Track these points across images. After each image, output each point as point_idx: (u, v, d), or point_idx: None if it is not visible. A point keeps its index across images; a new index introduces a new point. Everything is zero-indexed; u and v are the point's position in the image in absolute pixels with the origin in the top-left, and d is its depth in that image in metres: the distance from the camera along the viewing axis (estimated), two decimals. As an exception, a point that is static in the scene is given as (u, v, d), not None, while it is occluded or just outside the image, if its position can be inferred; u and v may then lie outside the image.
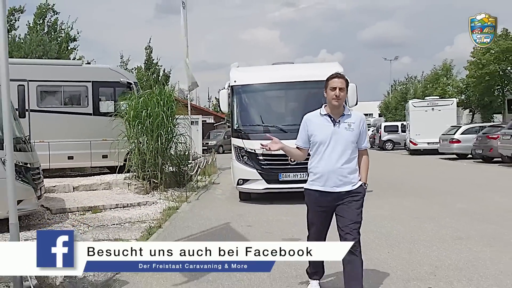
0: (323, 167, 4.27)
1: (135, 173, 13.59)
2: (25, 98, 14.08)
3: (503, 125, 21.03)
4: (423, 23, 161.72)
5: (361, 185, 4.34)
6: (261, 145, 4.51)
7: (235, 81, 11.32)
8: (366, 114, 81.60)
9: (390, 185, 13.40)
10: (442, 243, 6.59)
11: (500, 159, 19.62)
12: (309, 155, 4.47)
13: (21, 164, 8.53)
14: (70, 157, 14.88)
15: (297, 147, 4.50)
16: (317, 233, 4.45)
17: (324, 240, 4.43)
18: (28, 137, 9.46)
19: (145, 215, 9.68)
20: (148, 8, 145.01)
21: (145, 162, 13.20)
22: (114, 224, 8.80)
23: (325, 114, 4.33)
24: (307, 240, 4.51)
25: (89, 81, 15.51)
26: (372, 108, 75.54)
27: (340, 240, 4.19)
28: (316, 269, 4.62)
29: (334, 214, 4.35)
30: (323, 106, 4.42)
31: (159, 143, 13.17)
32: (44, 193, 9.84)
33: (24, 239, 7.07)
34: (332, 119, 4.30)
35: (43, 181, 9.56)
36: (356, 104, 11.53)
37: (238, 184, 10.98)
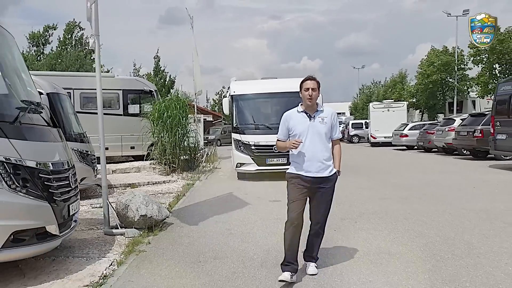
0: (304, 155, 4.22)
1: (157, 160, 14.46)
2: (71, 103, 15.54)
3: (438, 123, 21.96)
4: (390, 35, 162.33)
5: (335, 172, 4.32)
6: (295, 141, 4.17)
7: (234, 92, 12.65)
8: (339, 113, 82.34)
9: (350, 168, 13.75)
10: (371, 201, 8.25)
11: (436, 149, 20.70)
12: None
13: (84, 151, 9.90)
14: (106, 148, 16.22)
15: (278, 140, 4.47)
16: (296, 212, 4.18)
17: (302, 219, 4.19)
18: (85, 132, 11.04)
19: (170, 189, 10.72)
20: (152, 19, 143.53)
21: (165, 152, 14.03)
22: (150, 195, 9.54)
23: (302, 111, 4.32)
24: (287, 216, 4.27)
25: (120, 89, 16.66)
26: (344, 108, 75.75)
27: (310, 219, 4.34)
28: (290, 259, 4.18)
29: (308, 197, 4.29)
30: (300, 104, 4.39)
31: (176, 137, 14.07)
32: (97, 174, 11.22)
33: (83, 205, 7.74)
34: (308, 114, 4.27)
35: (97, 164, 10.41)
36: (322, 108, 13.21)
37: (236, 166, 12.24)
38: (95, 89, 16.30)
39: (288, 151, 4.37)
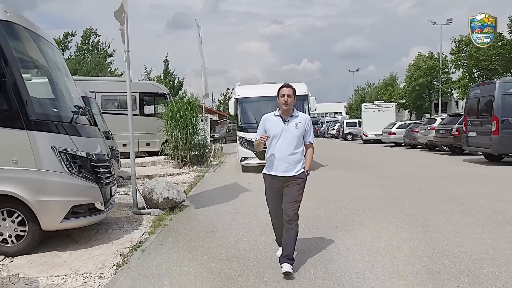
0: (275, 156, 4.26)
1: (170, 155, 15.16)
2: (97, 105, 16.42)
3: (422, 122, 22.66)
4: (385, 38, 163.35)
5: (303, 171, 4.27)
6: (262, 136, 4.28)
7: (238, 95, 13.46)
8: (336, 113, 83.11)
9: (341, 162, 15.47)
10: (355, 188, 9.16)
11: (420, 145, 21.43)
12: (265, 146, 4.40)
13: (110, 147, 11.05)
14: (124, 145, 17.06)
15: (255, 139, 4.45)
16: (275, 209, 4.36)
17: (281, 214, 4.26)
18: (110, 130, 11.99)
19: (183, 180, 11.51)
20: (161, 24, 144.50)
21: (177, 148, 14.74)
22: (167, 184, 11.24)
23: (278, 115, 4.34)
24: (269, 214, 4.48)
25: (137, 92, 17.36)
26: (341, 108, 76.47)
27: (282, 214, 4.25)
28: (281, 238, 4.32)
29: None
30: (277, 109, 4.40)
31: (187, 135, 14.77)
32: (120, 167, 11.71)
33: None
34: (283, 119, 4.29)
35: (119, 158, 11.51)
36: (315, 109, 14.11)
37: (241, 160, 13.03)
38: (114, 92, 17.19)
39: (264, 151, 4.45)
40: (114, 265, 4.56)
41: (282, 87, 4.35)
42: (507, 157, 12.99)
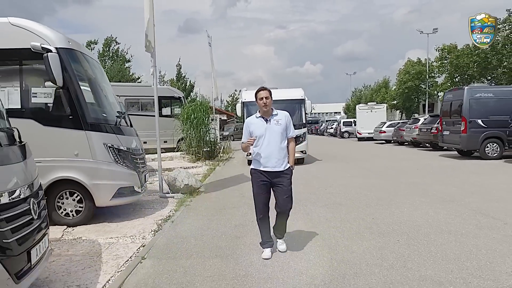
0: (263, 154, 4.29)
1: (185, 151, 16.16)
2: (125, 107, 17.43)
3: (407, 122, 23.71)
4: (382, 42, 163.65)
5: (289, 167, 4.34)
6: (249, 139, 4.32)
7: (245, 99, 14.34)
8: (335, 112, 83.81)
9: (335, 157, 16.42)
10: (341, 177, 10.25)
11: (407, 142, 22.27)
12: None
13: None
14: (145, 142, 17.98)
15: (242, 143, 4.50)
16: (261, 204, 4.38)
17: (268, 208, 4.41)
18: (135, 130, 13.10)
19: (198, 172, 12.44)
20: (172, 29, 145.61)
21: (191, 145, 15.68)
22: (184, 175, 12.33)
23: (259, 116, 4.36)
24: (255, 209, 4.46)
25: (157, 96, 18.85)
26: (340, 108, 77.01)
27: (275, 208, 4.40)
28: (266, 239, 4.47)
29: (271, 190, 4.37)
30: (258, 111, 4.41)
31: (200, 134, 15.67)
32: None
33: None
34: (265, 119, 4.33)
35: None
36: (311, 111, 15.17)
37: (246, 155, 13.71)
38: (136, 96, 18.36)
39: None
40: (152, 230, 5.75)
41: (258, 90, 4.34)
42: (477, 153, 14.02)
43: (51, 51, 5.73)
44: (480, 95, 13.51)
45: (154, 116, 19.13)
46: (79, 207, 6.20)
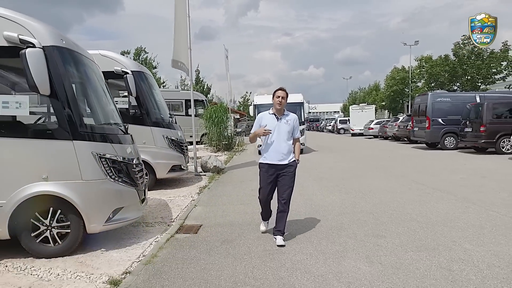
0: (271, 148, 4.26)
1: (208, 144, 17.93)
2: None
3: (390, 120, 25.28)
4: (378, 48, 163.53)
5: (294, 160, 4.30)
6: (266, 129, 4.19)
7: (256, 102, 16.11)
8: (334, 112, 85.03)
9: (328, 148, 18.03)
10: (331, 163, 12.02)
11: (390, 137, 23.62)
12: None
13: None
14: None
15: (250, 133, 4.46)
16: (266, 193, 4.38)
17: (269, 199, 4.44)
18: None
19: (220, 159, 13.37)
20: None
21: (212, 139, 17.45)
22: (209, 161, 14.25)
23: (272, 113, 4.32)
24: (259, 195, 4.53)
25: (183, 99, 20.18)
26: (338, 107, 78.31)
27: (278, 196, 4.35)
28: (265, 214, 4.68)
29: (276, 181, 4.31)
30: (271, 108, 4.36)
31: (220, 130, 17.37)
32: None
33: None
34: (277, 116, 4.29)
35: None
36: (309, 112, 16.90)
37: (258, 146, 14.49)
38: (169, 98, 19.80)
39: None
40: (196, 193, 7.75)
41: (278, 90, 4.33)
42: (440, 145, 15.77)
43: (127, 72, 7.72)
44: (440, 99, 15.30)
45: (181, 115, 20.95)
46: (145, 180, 8.15)
